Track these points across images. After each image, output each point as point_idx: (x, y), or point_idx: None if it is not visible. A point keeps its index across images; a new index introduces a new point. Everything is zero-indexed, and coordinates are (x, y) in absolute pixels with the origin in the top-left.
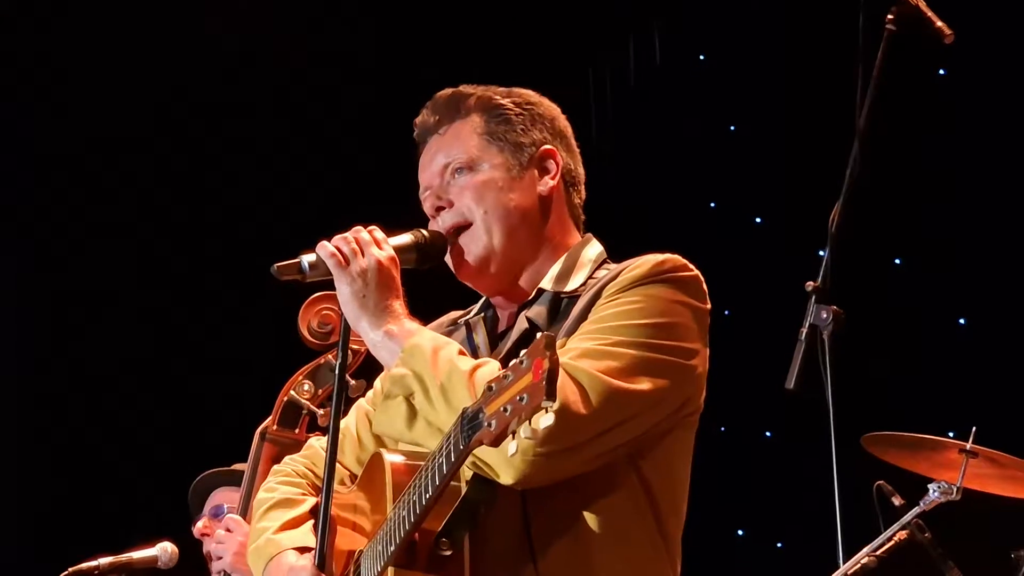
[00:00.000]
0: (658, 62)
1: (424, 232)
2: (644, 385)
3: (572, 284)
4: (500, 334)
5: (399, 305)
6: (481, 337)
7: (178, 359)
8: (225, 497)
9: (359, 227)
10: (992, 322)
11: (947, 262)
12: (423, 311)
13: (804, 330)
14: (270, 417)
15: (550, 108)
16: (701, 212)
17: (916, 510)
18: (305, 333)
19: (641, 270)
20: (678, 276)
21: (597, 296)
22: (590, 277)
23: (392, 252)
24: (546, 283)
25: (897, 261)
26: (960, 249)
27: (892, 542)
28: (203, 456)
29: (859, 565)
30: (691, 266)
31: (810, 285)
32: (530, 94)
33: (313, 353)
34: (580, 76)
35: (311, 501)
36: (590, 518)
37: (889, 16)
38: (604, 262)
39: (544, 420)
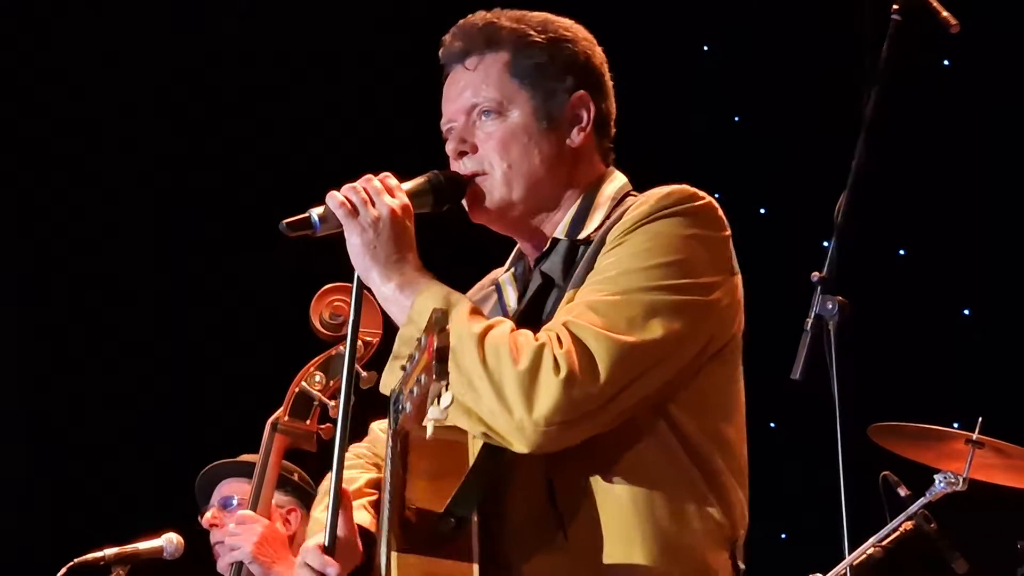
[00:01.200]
0: (662, 52)
1: (439, 174)
2: (656, 333)
3: (588, 229)
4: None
5: (412, 256)
6: (511, 295)
7: (186, 348)
8: (233, 488)
9: (369, 175)
10: (998, 312)
11: (952, 252)
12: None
13: (810, 320)
14: (281, 408)
15: (585, 44)
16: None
17: (922, 500)
18: (317, 324)
19: (645, 207)
20: (685, 208)
21: (603, 241)
22: (607, 218)
23: (406, 200)
24: (560, 231)
25: (902, 251)
26: (965, 239)
27: (898, 532)
28: (209, 447)
29: (865, 555)
30: (701, 194)
31: (816, 275)
32: (565, 26)
33: (324, 344)
34: None
35: (367, 477)
36: (618, 475)
37: (895, 6)
38: (626, 196)
39: (444, 399)
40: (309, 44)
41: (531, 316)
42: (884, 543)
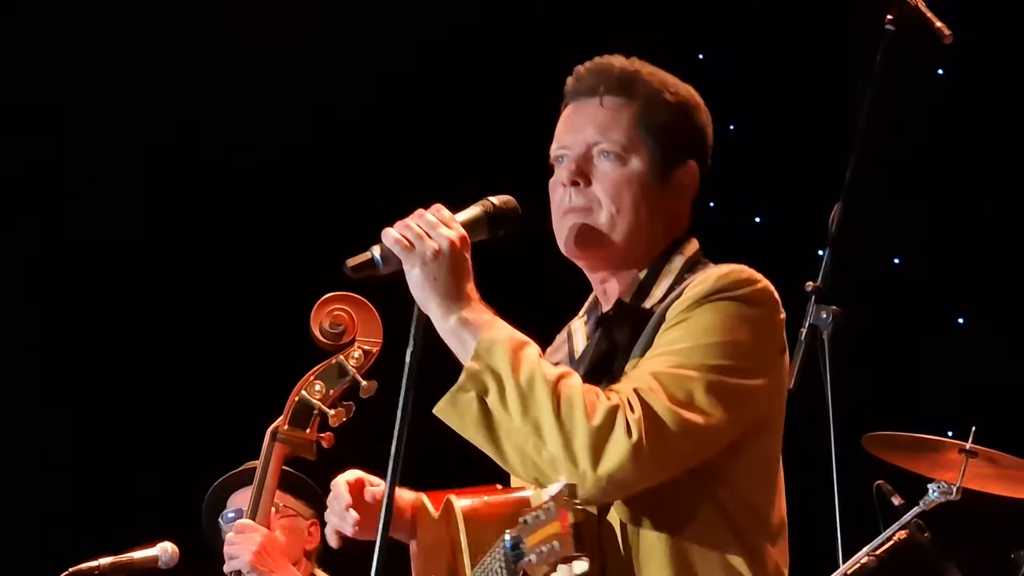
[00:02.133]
0: (657, 60)
1: (492, 200)
2: (714, 415)
3: (652, 298)
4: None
5: (471, 288)
6: (580, 344)
7: (185, 355)
8: (244, 497)
9: (421, 209)
10: (991, 321)
11: (946, 261)
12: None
13: (804, 330)
14: (281, 417)
15: (705, 116)
16: (700, 212)
17: (916, 510)
18: (317, 333)
19: (703, 287)
20: (743, 293)
21: (664, 315)
22: (670, 290)
23: (462, 231)
24: (627, 294)
25: (896, 260)
26: (960, 248)
27: (892, 542)
28: (208, 456)
29: (859, 565)
30: (757, 276)
31: (810, 285)
32: (692, 94)
33: (324, 353)
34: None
35: None
36: (658, 526)
37: (888, 16)
38: (694, 266)
39: (578, 566)
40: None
41: (589, 372)
42: (878, 552)
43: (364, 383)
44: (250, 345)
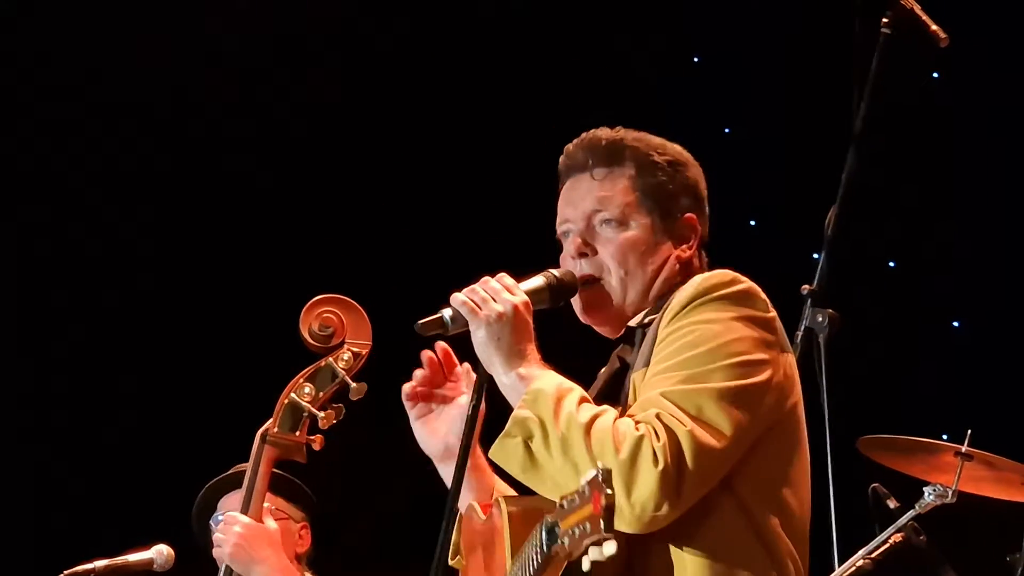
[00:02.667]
0: (652, 64)
1: (555, 273)
2: (730, 424)
3: (657, 315)
4: None
5: (532, 349)
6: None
7: (176, 358)
8: (234, 500)
9: (487, 277)
10: (987, 325)
11: (942, 265)
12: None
13: (800, 333)
14: (271, 420)
15: (696, 171)
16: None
17: (911, 513)
18: (306, 336)
19: (687, 292)
20: (726, 292)
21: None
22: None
23: (525, 297)
24: (635, 320)
25: (892, 264)
26: (955, 252)
27: (887, 545)
28: (200, 458)
29: (854, 568)
30: (741, 278)
31: (806, 288)
32: (680, 152)
33: (314, 356)
34: (574, 77)
35: None
36: (687, 545)
37: (884, 20)
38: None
39: (608, 547)
40: None
41: (608, 398)
42: (873, 555)
43: (354, 385)
44: (240, 348)
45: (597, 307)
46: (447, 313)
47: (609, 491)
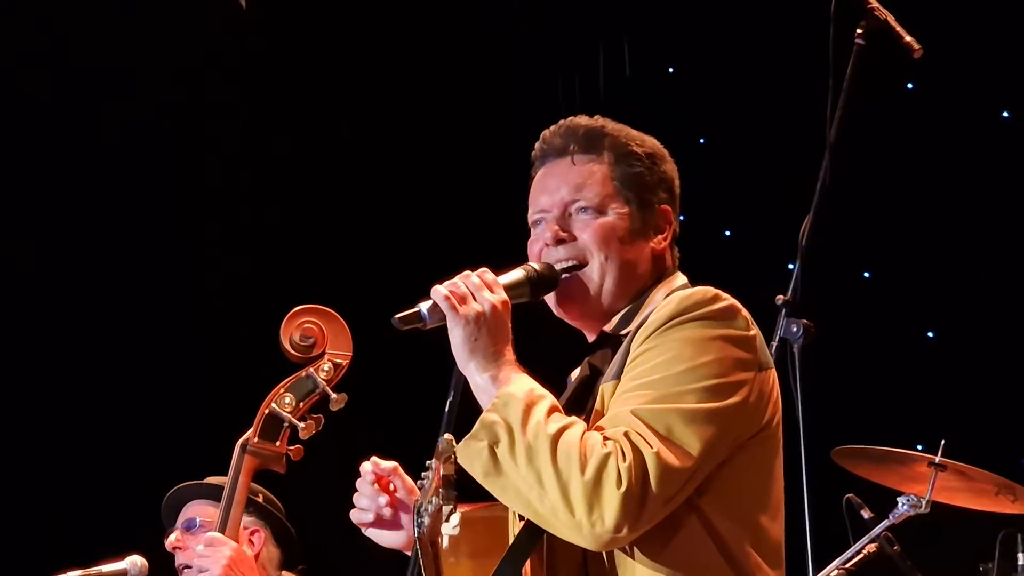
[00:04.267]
0: (627, 74)
1: (534, 266)
2: (695, 446)
3: (632, 325)
4: None
5: (508, 351)
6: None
7: (154, 367)
8: (198, 510)
9: (468, 271)
10: (961, 335)
11: (916, 275)
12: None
13: (774, 343)
14: (251, 430)
15: (672, 166)
16: None
17: (885, 523)
18: (287, 346)
19: (667, 309)
20: (708, 311)
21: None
22: (647, 318)
23: (504, 296)
24: (609, 326)
25: (867, 274)
26: (929, 262)
27: (861, 555)
28: (177, 468)
29: None
30: (723, 296)
31: (780, 298)
32: (657, 146)
33: (294, 366)
34: (549, 87)
35: None
36: (647, 559)
37: (858, 30)
38: (671, 292)
39: (453, 519)
40: None
41: (576, 405)
42: (847, 566)
43: (334, 396)
44: (219, 357)
45: (575, 298)
46: (424, 307)
47: (450, 458)
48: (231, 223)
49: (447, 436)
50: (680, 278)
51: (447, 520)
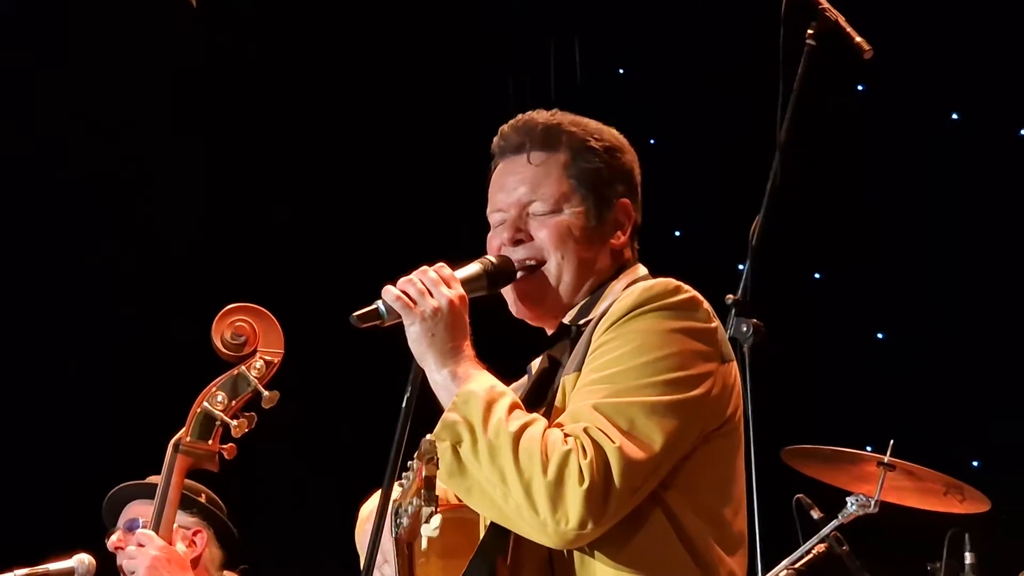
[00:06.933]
0: (578, 75)
1: (491, 259)
2: (658, 441)
3: (593, 315)
4: None
5: (467, 345)
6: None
7: (95, 366)
8: (140, 510)
9: (425, 267)
10: (910, 337)
11: (866, 277)
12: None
13: None
14: (183, 428)
15: (631, 156)
16: None
17: (835, 523)
18: (218, 344)
19: (628, 300)
20: (669, 302)
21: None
22: (608, 309)
23: (461, 291)
24: (568, 317)
25: (817, 275)
26: (879, 264)
27: (811, 555)
28: (120, 467)
29: None
30: (685, 288)
31: (730, 298)
32: (616, 137)
33: (226, 364)
34: (500, 88)
35: None
36: (610, 553)
37: (809, 31)
38: (631, 284)
39: (433, 521)
40: None
41: (537, 398)
42: (797, 565)
43: (266, 393)
44: (152, 356)
45: (534, 297)
46: (382, 304)
47: (432, 459)
48: (171, 215)
49: (429, 437)
50: (641, 269)
51: (427, 522)
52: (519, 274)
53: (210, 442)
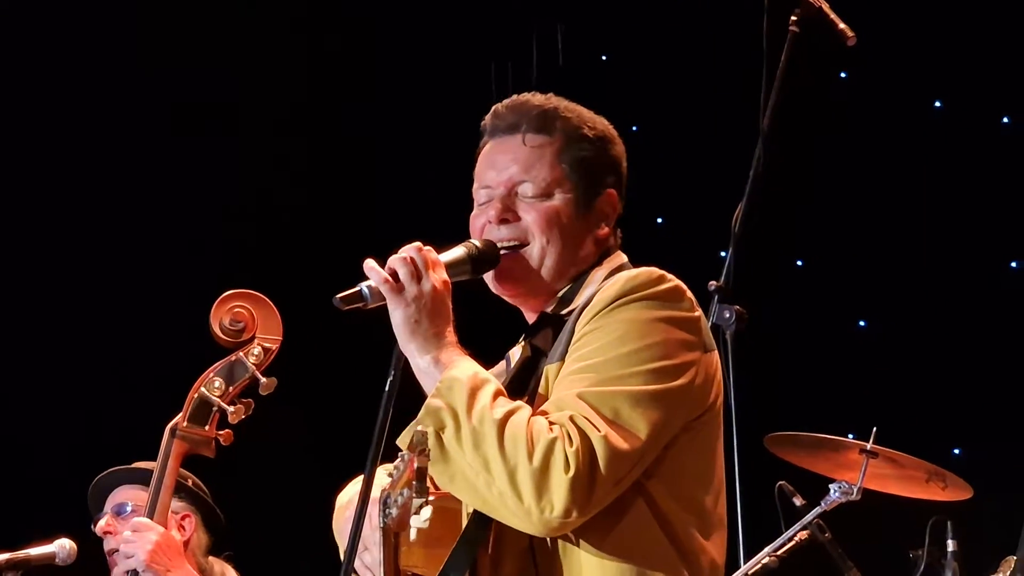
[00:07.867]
0: (560, 61)
1: (475, 243)
2: (643, 430)
3: (575, 304)
4: None
5: (449, 332)
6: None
7: (83, 350)
8: (127, 495)
9: (412, 247)
10: (892, 324)
11: (849, 264)
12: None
13: None
14: (180, 414)
15: (621, 148)
16: None
17: (817, 510)
18: (216, 330)
19: (612, 290)
20: (653, 292)
21: (579, 318)
22: (591, 298)
23: (445, 276)
24: (550, 306)
25: (800, 262)
26: (861, 252)
27: (793, 542)
28: (105, 452)
29: (760, 565)
30: (668, 277)
31: (712, 285)
32: (608, 128)
33: (224, 350)
34: (482, 73)
35: None
36: (593, 541)
37: (792, 17)
38: (615, 273)
39: (424, 512)
40: None
41: (519, 386)
42: (779, 553)
43: (263, 380)
44: (150, 341)
45: (515, 277)
46: (366, 286)
47: (424, 451)
48: (164, 204)
49: (421, 428)
50: (622, 257)
51: (417, 513)
52: (502, 253)
53: (207, 428)
